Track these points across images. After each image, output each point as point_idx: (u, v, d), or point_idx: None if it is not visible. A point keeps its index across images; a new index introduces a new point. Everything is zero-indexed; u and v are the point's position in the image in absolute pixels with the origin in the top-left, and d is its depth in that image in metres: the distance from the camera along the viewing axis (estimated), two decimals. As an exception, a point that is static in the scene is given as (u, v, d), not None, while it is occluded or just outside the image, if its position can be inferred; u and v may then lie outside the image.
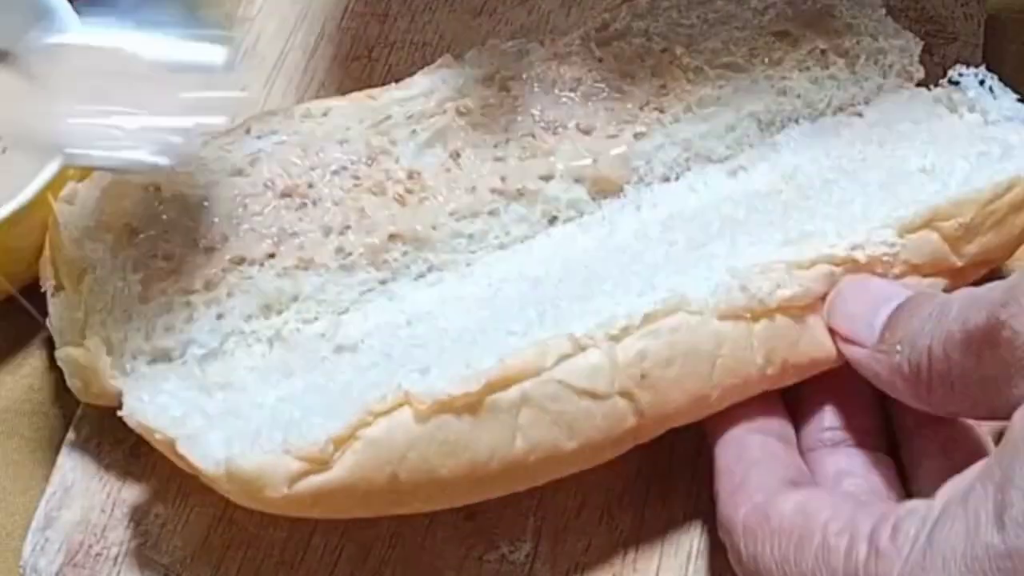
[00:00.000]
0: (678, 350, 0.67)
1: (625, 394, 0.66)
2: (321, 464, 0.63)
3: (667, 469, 0.73)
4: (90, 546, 0.72)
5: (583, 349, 0.66)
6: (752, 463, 0.67)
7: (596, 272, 0.71)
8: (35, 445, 0.78)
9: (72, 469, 0.74)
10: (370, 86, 0.82)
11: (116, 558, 0.72)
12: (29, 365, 0.80)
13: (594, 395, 0.66)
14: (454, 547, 0.71)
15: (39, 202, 0.74)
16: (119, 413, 0.68)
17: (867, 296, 0.69)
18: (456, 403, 0.64)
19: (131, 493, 0.73)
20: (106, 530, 0.72)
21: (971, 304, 0.61)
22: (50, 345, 0.75)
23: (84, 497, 0.73)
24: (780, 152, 0.77)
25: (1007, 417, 0.57)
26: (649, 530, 0.72)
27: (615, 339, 0.66)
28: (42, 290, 0.74)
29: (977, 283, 0.72)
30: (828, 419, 0.71)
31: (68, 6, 0.81)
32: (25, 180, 0.74)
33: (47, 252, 0.74)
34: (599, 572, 0.71)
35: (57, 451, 0.75)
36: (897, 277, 0.70)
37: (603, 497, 0.73)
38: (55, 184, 0.74)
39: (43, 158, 0.75)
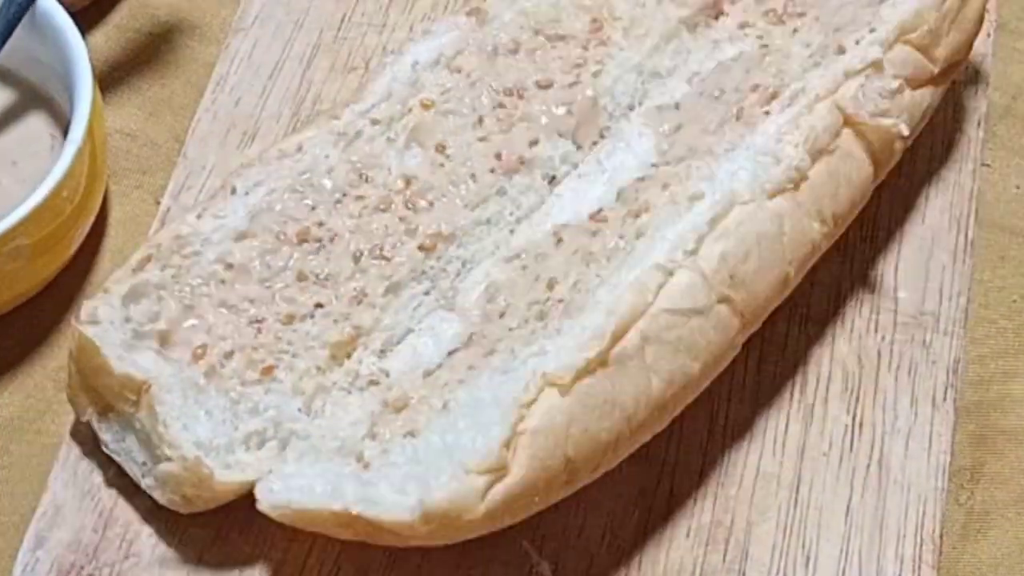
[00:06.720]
0: (750, 241, 0.69)
1: (723, 299, 0.68)
2: (501, 470, 0.63)
3: (668, 487, 0.73)
4: (81, 567, 0.70)
5: (672, 273, 0.67)
6: None
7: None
8: (25, 463, 0.76)
9: (63, 488, 0.72)
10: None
11: (108, 580, 0.70)
12: (19, 383, 0.77)
13: (699, 311, 0.67)
14: (450, 570, 0.70)
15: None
16: (261, 509, 0.66)
17: None
18: (591, 365, 0.65)
19: (123, 513, 0.71)
20: (98, 551, 0.70)
21: None
22: (40, 363, 0.75)
23: (75, 516, 0.71)
24: (721, 47, 0.79)
25: None
26: (651, 548, 0.72)
27: (694, 252, 0.68)
28: (83, 419, 0.71)
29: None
30: None
31: (70, 20, 0.78)
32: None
33: (74, 381, 0.71)
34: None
35: (48, 469, 0.72)
36: (895, 93, 0.73)
37: (604, 516, 0.72)
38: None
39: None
